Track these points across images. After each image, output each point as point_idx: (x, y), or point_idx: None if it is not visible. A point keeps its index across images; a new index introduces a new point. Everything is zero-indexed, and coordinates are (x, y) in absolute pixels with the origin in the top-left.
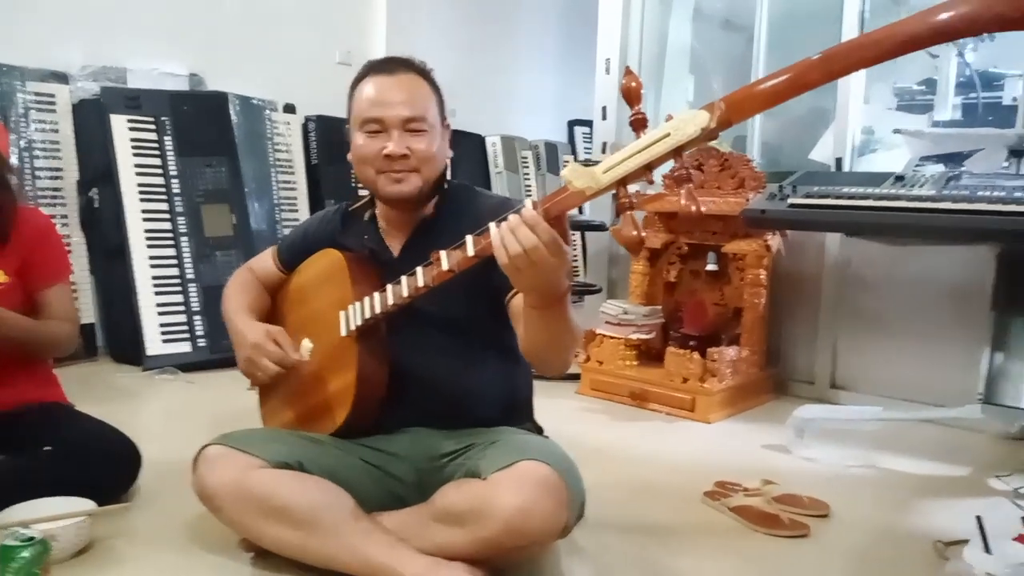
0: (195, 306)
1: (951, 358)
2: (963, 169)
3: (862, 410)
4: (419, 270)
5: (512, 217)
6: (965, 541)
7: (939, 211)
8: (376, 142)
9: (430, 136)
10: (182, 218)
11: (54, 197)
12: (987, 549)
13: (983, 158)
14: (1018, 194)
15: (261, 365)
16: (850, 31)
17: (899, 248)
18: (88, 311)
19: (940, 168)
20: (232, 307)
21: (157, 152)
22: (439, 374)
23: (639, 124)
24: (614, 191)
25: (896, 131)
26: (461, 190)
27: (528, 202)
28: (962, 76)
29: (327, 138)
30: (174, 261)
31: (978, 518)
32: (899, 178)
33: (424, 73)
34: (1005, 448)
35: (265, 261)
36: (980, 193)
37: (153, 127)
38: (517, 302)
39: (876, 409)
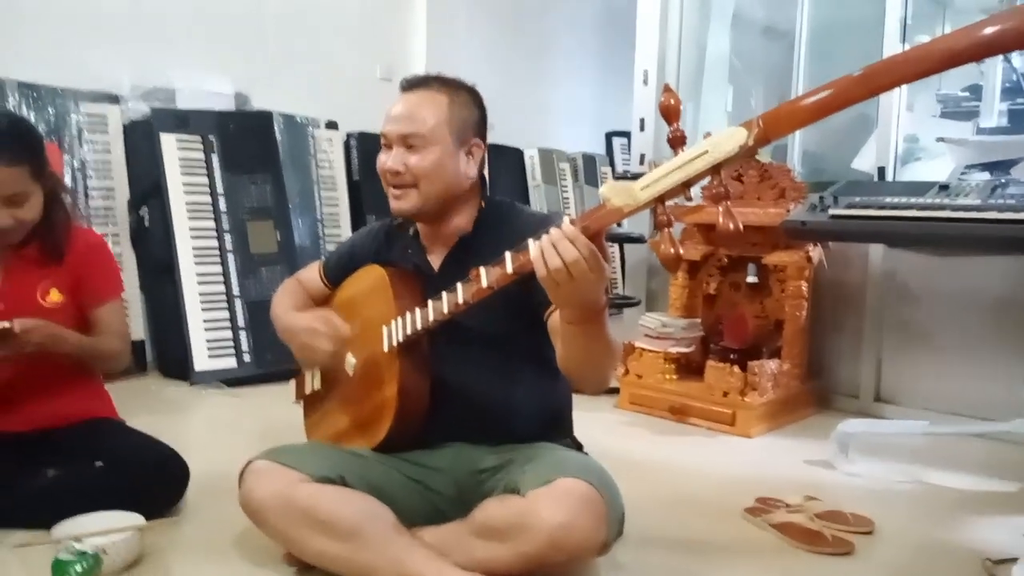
0: (241, 322)
1: (998, 371)
2: (1009, 177)
3: (908, 424)
4: (459, 286)
5: (552, 231)
6: (1015, 559)
7: (984, 221)
8: (384, 156)
9: (430, 153)
10: (228, 235)
11: (106, 216)
12: None
13: None
14: None
15: (317, 345)
16: (892, 38)
17: (944, 259)
18: (138, 327)
19: (986, 176)
20: (281, 310)
21: (204, 170)
22: (479, 389)
23: (677, 141)
24: (652, 208)
25: (939, 139)
26: (501, 206)
27: (566, 219)
28: (1008, 81)
29: (368, 155)
30: (220, 278)
31: None
32: (943, 187)
33: (451, 88)
34: None
35: (312, 274)
36: None
37: (200, 146)
38: (556, 318)
39: (922, 423)
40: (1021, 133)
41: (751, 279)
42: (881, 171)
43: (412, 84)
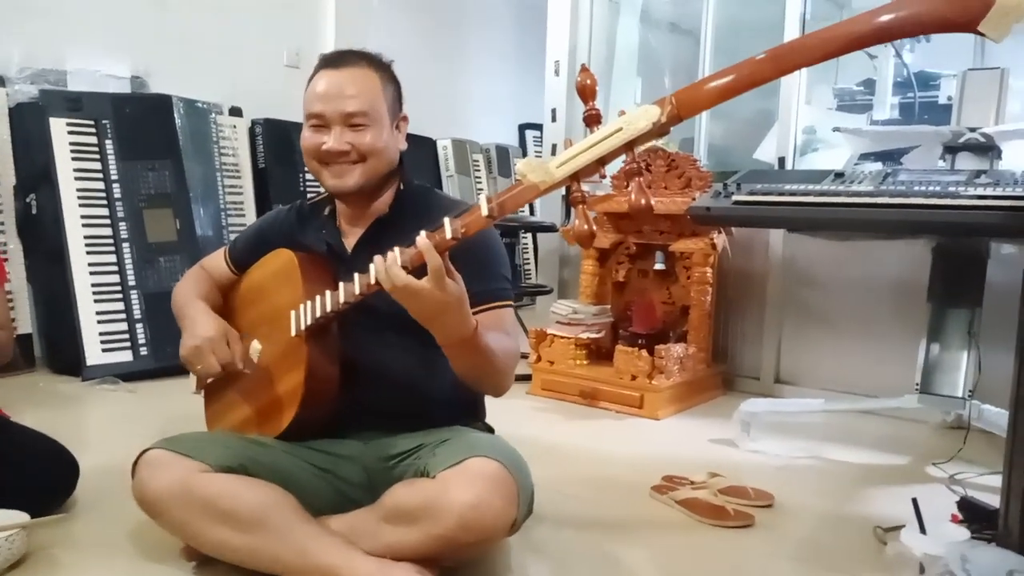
0: (137, 313)
1: (891, 351)
2: (900, 166)
3: (805, 402)
4: (372, 267)
5: (390, 255)
6: (903, 526)
7: (877, 206)
8: (318, 136)
9: (374, 130)
10: (123, 223)
11: None
12: (923, 530)
13: (920, 155)
14: (952, 188)
15: (207, 360)
16: (792, 36)
17: (841, 245)
18: (25, 320)
19: (878, 166)
20: (184, 298)
21: (98, 156)
22: (393, 376)
23: (593, 120)
24: (567, 186)
25: (836, 129)
26: (419, 190)
27: (482, 197)
28: (900, 76)
29: (275, 142)
30: (115, 267)
31: (914, 500)
32: (839, 175)
33: (377, 64)
34: (942, 437)
35: (217, 261)
36: (916, 188)
37: (94, 130)
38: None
39: (819, 401)
40: (911, 124)
41: (658, 266)
42: (781, 161)
43: (338, 61)
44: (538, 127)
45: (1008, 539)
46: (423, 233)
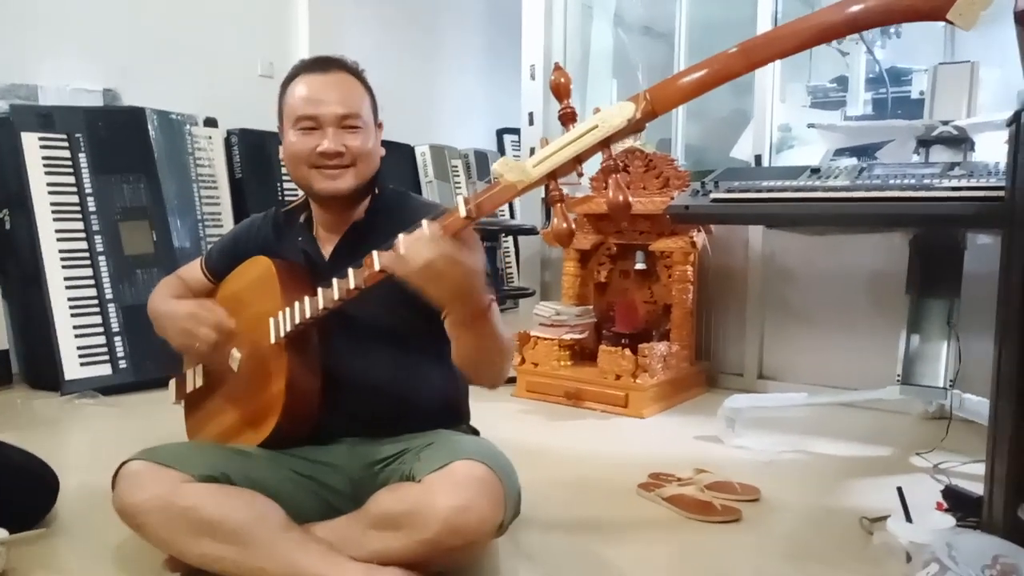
0: (115, 327)
1: (871, 344)
2: (874, 161)
3: (788, 397)
4: (350, 271)
5: (402, 237)
6: (889, 516)
7: (854, 200)
8: (310, 139)
9: (365, 133)
10: (99, 237)
11: None
12: (909, 519)
13: (894, 149)
14: (927, 181)
15: (199, 333)
16: None
17: (819, 240)
18: (1, 337)
19: (854, 161)
20: (159, 302)
21: (71, 170)
22: (375, 382)
23: (568, 118)
24: (545, 184)
25: (810, 125)
26: (392, 194)
27: (460, 199)
28: (871, 72)
29: (251, 152)
30: (91, 281)
31: (899, 490)
32: (815, 171)
33: (356, 72)
34: (925, 427)
35: (194, 271)
36: (892, 181)
37: (66, 145)
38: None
39: (802, 395)
40: (884, 119)
41: (639, 266)
42: (758, 159)
43: (322, 66)
44: (516, 131)
45: (992, 525)
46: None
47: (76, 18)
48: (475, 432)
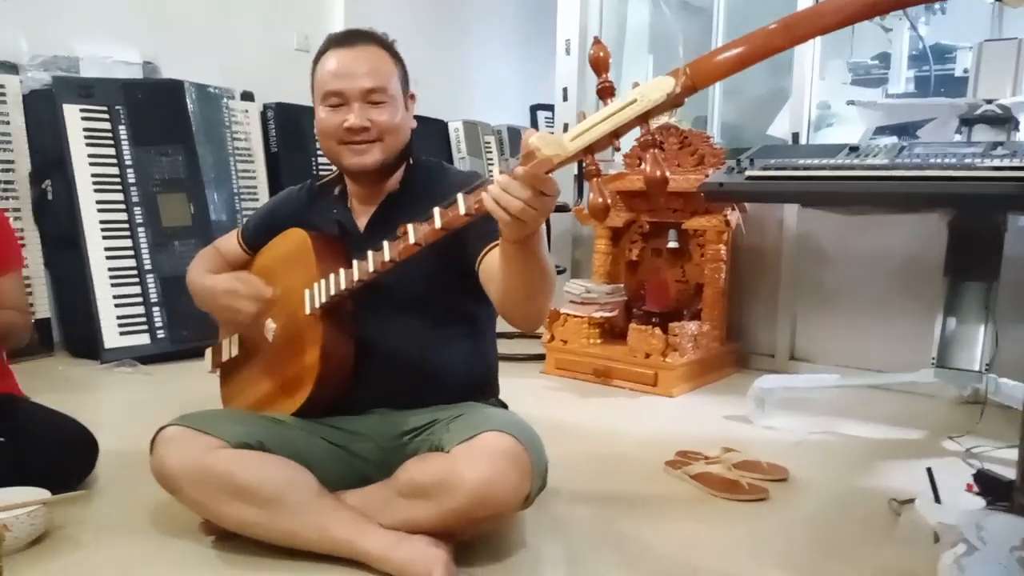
0: (153, 297)
1: (906, 326)
2: (915, 140)
3: (819, 378)
4: (385, 244)
5: (497, 177)
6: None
7: (892, 179)
8: (337, 115)
9: (392, 107)
10: (138, 208)
11: (5, 190)
12: (938, 500)
13: (936, 128)
14: (968, 160)
15: (239, 306)
16: None
17: (855, 221)
18: (43, 305)
19: (894, 139)
20: (197, 275)
21: (111, 142)
22: (406, 353)
23: (606, 92)
24: (581, 159)
25: (850, 102)
26: (429, 165)
27: (495, 171)
28: (915, 50)
29: (286, 126)
30: (131, 252)
31: (928, 470)
32: (853, 149)
33: (386, 44)
34: (958, 411)
35: (230, 242)
36: (932, 160)
37: (107, 116)
38: (489, 259)
39: (833, 376)
40: (927, 97)
41: (672, 244)
42: (795, 136)
43: (349, 40)
44: (549, 107)
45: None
46: (497, 171)
47: None
48: (503, 406)
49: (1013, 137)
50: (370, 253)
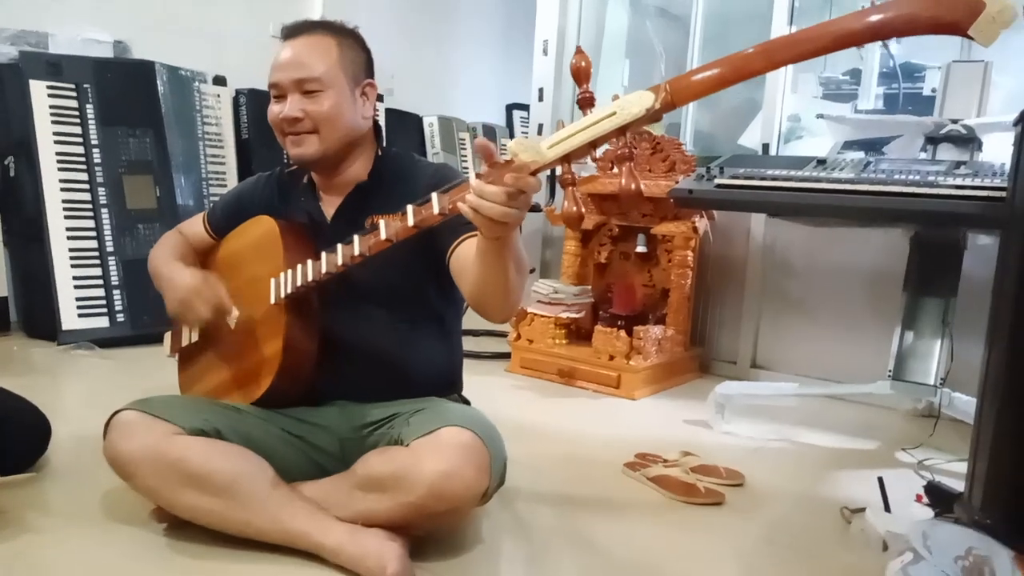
0: (115, 280)
1: (866, 339)
2: (882, 156)
3: (778, 386)
4: (356, 238)
5: (473, 183)
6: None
7: (857, 193)
8: (277, 106)
9: (327, 96)
10: (103, 189)
11: None
12: (888, 510)
13: (902, 145)
14: (932, 178)
15: (196, 308)
16: (780, 25)
17: (820, 233)
18: (1, 284)
19: (860, 154)
20: (161, 261)
21: (78, 120)
22: (370, 346)
23: (586, 103)
24: (556, 167)
25: (819, 116)
26: (398, 157)
27: (471, 174)
28: (885, 67)
29: (259, 113)
30: (93, 233)
31: (880, 480)
32: (821, 162)
33: (336, 31)
34: (913, 424)
35: (195, 226)
36: (896, 176)
37: (74, 94)
38: (461, 252)
39: (792, 385)
40: (895, 114)
41: (640, 249)
42: (765, 147)
43: (295, 31)
44: (525, 107)
45: (969, 522)
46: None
47: None
48: (466, 402)
49: (976, 157)
50: (339, 246)
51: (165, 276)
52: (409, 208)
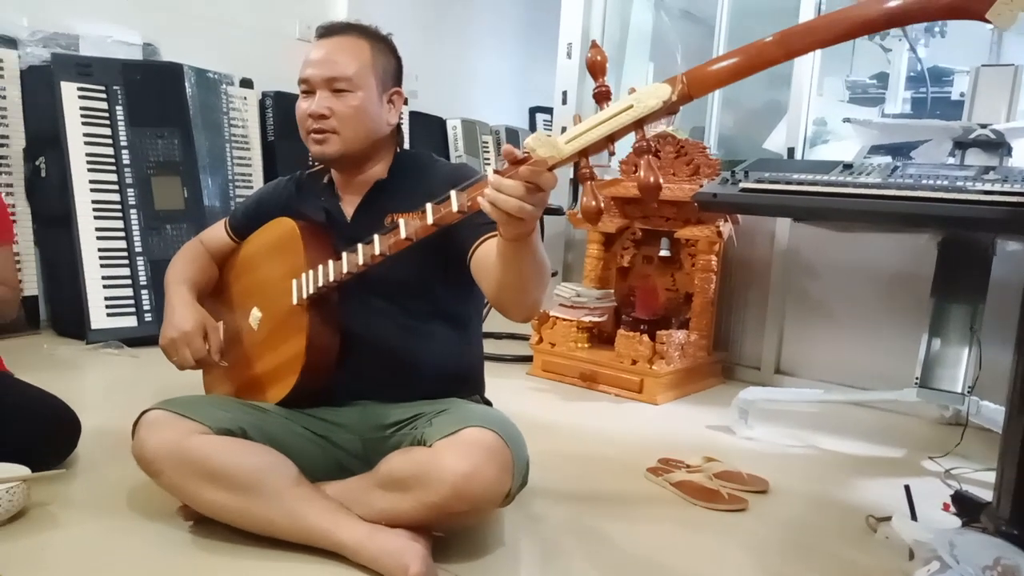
0: (143, 280)
1: (892, 345)
2: (910, 160)
3: (803, 392)
4: (376, 238)
5: (491, 178)
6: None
7: (884, 197)
8: (305, 103)
9: (355, 97)
10: (131, 190)
11: None
12: (914, 517)
13: (930, 150)
14: (960, 183)
15: (181, 354)
16: None
17: (846, 238)
18: (31, 283)
19: (887, 159)
20: (175, 276)
21: (107, 121)
22: (390, 345)
23: (603, 96)
24: (575, 163)
25: (846, 120)
26: (415, 155)
27: (490, 170)
28: (913, 71)
29: (284, 115)
30: (122, 233)
31: (906, 487)
32: (847, 166)
33: (371, 35)
34: (939, 432)
35: (217, 231)
36: (924, 181)
37: (104, 96)
38: (482, 252)
39: (816, 391)
40: (922, 119)
41: (663, 252)
42: (791, 151)
43: (331, 31)
44: (548, 111)
45: (997, 531)
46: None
47: None
48: (488, 403)
49: (1005, 162)
50: (360, 246)
51: (170, 303)
52: (428, 206)
